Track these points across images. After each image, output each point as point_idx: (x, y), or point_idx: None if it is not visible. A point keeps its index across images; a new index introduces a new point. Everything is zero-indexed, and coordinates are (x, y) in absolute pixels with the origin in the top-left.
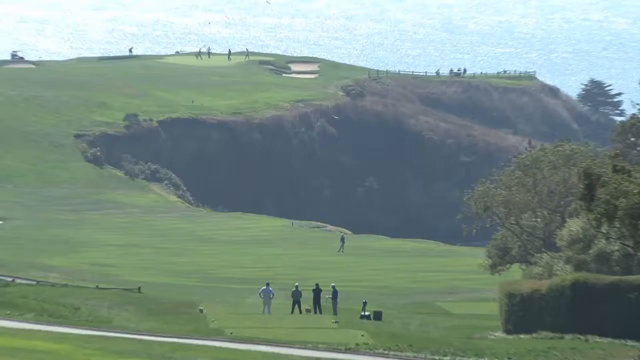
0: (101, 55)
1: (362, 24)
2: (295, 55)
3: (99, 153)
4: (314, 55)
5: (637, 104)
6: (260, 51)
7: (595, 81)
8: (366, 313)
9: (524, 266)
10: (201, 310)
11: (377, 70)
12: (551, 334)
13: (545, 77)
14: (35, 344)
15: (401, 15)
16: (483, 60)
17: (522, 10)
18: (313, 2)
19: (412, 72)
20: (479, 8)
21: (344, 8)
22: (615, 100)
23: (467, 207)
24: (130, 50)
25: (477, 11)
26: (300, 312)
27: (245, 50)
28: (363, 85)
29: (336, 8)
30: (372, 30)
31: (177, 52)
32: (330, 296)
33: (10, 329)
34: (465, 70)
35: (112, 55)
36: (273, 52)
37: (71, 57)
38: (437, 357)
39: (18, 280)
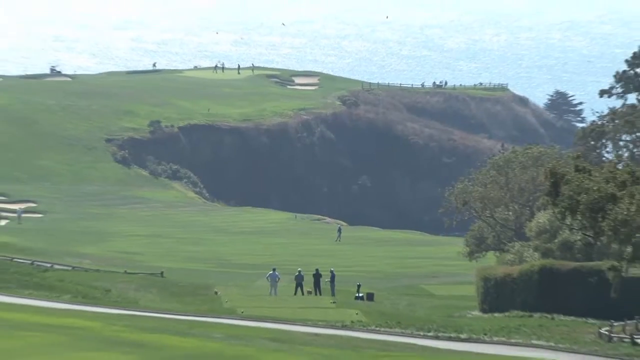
0: (127, 69)
1: (354, 43)
2: (297, 69)
3: (126, 155)
4: (314, 70)
5: (596, 112)
6: (267, 66)
7: (560, 92)
8: (360, 294)
9: (497, 253)
10: (216, 292)
11: (370, 83)
12: (521, 313)
13: (516, 89)
14: (70, 321)
15: (388, 35)
16: (461, 73)
17: (493, 30)
18: (312, 24)
19: (400, 84)
20: (455, 28)
21: (338, 28)
22: (577, 108)
23: (448, 202)
24: (154, 65)
25: (454, 31)
26: (303, 294)
27: (251, 65)
28: (357, 95)
29: (332, 29)
30: (363, 47)
31: (195, 66)
32: (329, 280)
33: (49, 309)
34: (446, 83)
35: (137, 69)
36: (278, 67)
37: (101, 71)
38: (421, 333)
39: (56, 266)
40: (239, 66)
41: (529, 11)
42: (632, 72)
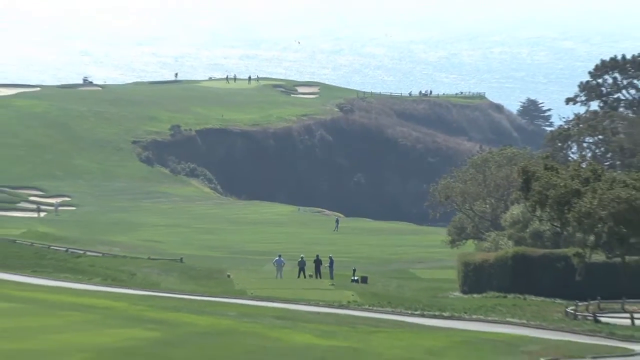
0: (150, 80)
1: (346, 57)
2: (299, 80)
3: (150, 155)
4: (314, 80)
5: (563, 118)
6: (272, 77)
7: (531, 100)
8: (355, 278)
9: (476, 241)
10: (228, 276)
11: (364, 92)
12: (497, 294)
13: (492, 97)
14: (100, 301)
15: (376, 50)
16: (441, 84)
17: (469, 46)
18: (309, 39)
19: (390, 93)
20: (436, 44)
21: (333, 44)
22: (546, 114)
23: (432, 196)
24: (176, 75)
25: (435, 46)
26: (305, 277)
27: (257, 77)
28: (352, 103)
29: (327, 44)
30: (355, 61)
31: (210, 77)
32: (328, 265)
33: (82, 290)
34: (430, 92)
35: (159, 80)
36: (281, 78)
37: (126, 82)
38: (409, 312)
39: (88, 253)
40: (249, 77)
41: (500, 29)
42: (594, 82)
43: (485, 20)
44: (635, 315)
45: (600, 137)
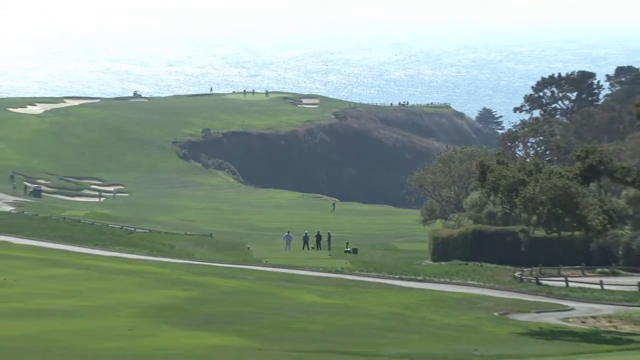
0: (186, 93)
1: (334, 76)
2: (303, 93)
3: (186, 152)
4: (314, 94)
5: (512, 123)
6: (282, 91)
7: (486, 109)
8: (348, 249)
9: (443, 220)
10: (248, 248)
11: (354, 103)
12: (460, 262)
13: (455, 107)
14: (147, 268)
15: (355, 70)
16: (412, 96)
17: (428, 66)
18: (302, 61)
19: (375, 103)
20: (403, 65)
21: (322, 65)
22: (498, 120)
23: (409, 185)
24: (211, 90)
25: (402, 67)
26: (308, 249)
27: (265, 91)
28: (345, 111)
29: (318, 65)
30: (341, 78)
31: (233, 91)
32: (327, 239)
33: (132, 259)
34: (407, 102)
35: (195, 93)
36: (288, 91)
37: (167, 94)
38: (390, 276)
39: (138, 230)
40: (267, 91)
41: (452, 51)
42: (536, 95)
43: (438, 44)
44: (569, 279)
45: (541, 138)
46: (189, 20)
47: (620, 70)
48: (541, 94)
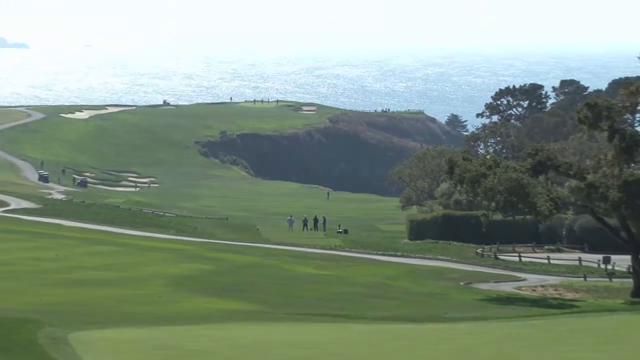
0: (204, 102)
1: (324, 87)
2: (302, 101)
3: (207, 151)
4: (312, 102)
5: (475, 126)
6: (285, 100)
7: (454, 114)
8: (340, 230)
9: (418, 206)
10: (257, 229)
11: (345, 109)
12: (432, 241)
13: (428, 113)
14: (174, 245)
15: (338, 82)
16: (389, 104)
17: (397, 79)
18: (294, 75)
19: (362, 110)
20: (376, 78)
21: (313, 79)
22: (464, 124)
23: (390, 177)
24: (231, 99)
25: (377, 80)
26: (307, 230)
27: (277, 100)
28: (338, 117)
29: (308, 79)
30: (329, 89)
31: (245, 100)
32: (322, 222)
33: (161, 238)
34: (389, 109)
35: (213, 102)
36: (290, 100)
37: (189, 103)
38: (375, 252)
39: (167, 214)
40: (277, 100)
41: (415, 69)
42: (495, 103)
43: (402, 61)
44: (522, 255)
45: (498, 138)
46: (203, 41)
47: (563, 83)
48: (499, 102)
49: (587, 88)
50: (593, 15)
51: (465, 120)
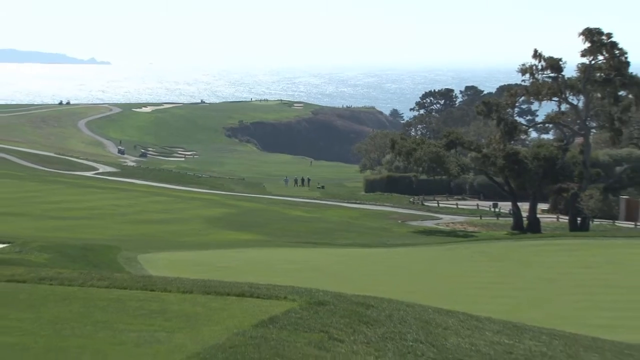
0: (229, 100)
1: (299, 91)
2: (292, 100)
3: (230, 133)
4: (299, 100)
5: (408, 117)
6: (282, 99)
7: (395, 109)
8: (319, 186)
9: (371, 170)
10: (263, 186)
11: (322, 105)
12: (380, 193)
13: (380, 108)
14: (206, 196)
15: (303, 88)
16: (342, 102)
17: (343, 85)
18: (281, 82)
19: (333, 106)
20: (328, 84)
21: (290, 85)
22: (402, 115)
23: (352, 151)
24: (251, 99)
25: (327, 85)
26: (297, 186)
27: (280, 99)
28: (318, 111)
29: (288, 83)
30: (305, 91)
31: (252, 99)
32: (307, 180)
33: (200, 192)
34: (351, 105)
35: (235, 100)
36: (286, 99)
37: (217, 101)
38: (344, 200)
39: (203, 175)
40: (281, 100)
41: (358, 77)
42: (422, 101)
43: (352, 73)
44: (439, 202)
45: (424, 125)
46: (212, 57)
47: (467, 88)
48: (424, 101)
49: (482, 91)
50: (479, 40)
51: (403, 113)
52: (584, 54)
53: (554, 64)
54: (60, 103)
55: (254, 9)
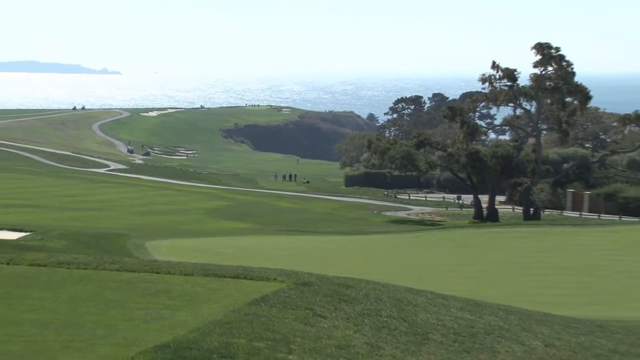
0: (225, 106)
1: (288, 95)
2: (280, 105)
3: (226, 135)
4: (287, 106)
5: (383, 120)
6: (273, 105)
7: (371, 113)
8: (305, 181)
9: (351, 167)
10: (256, 181)
11: (307, 110)
12: (358, 187)
13: (359, 112)
14: (206, 190)
15: (290, 95)
16: (323, 107)
17: (322, 92)
18: (269, 90)
19: (318, 111)
20: (311, 92)
21: (276, 93)
22: (377, 119)
23: (334, 150)
24: (246, 105)
25: (310, 93)
26: (285, 181)
27: (271, 105)
28: (304, 115)
29: (275, 91)
30: (290, 97)
31: (246, 104)
32: (294, 176)
33: (199, 186)
34: (333, 110)
35: (229, 105)
36: (275, 104)
37: (215, 107)
38: (327, 194)
39: (202, 172)
40: (271, 105)
41: (337, 86)
42: (395, 106)
43: (331, 81)
44: (410, 195)
45: (397, 127)
46: (210, 66)
47: (435, 95)
48: (397, 106)
49: (448, 97)
50: (440, 52)
51: (378, 117)
52: (535, 65)
53: (510, 74)
54: (74, 108)
55: (245, 22)
